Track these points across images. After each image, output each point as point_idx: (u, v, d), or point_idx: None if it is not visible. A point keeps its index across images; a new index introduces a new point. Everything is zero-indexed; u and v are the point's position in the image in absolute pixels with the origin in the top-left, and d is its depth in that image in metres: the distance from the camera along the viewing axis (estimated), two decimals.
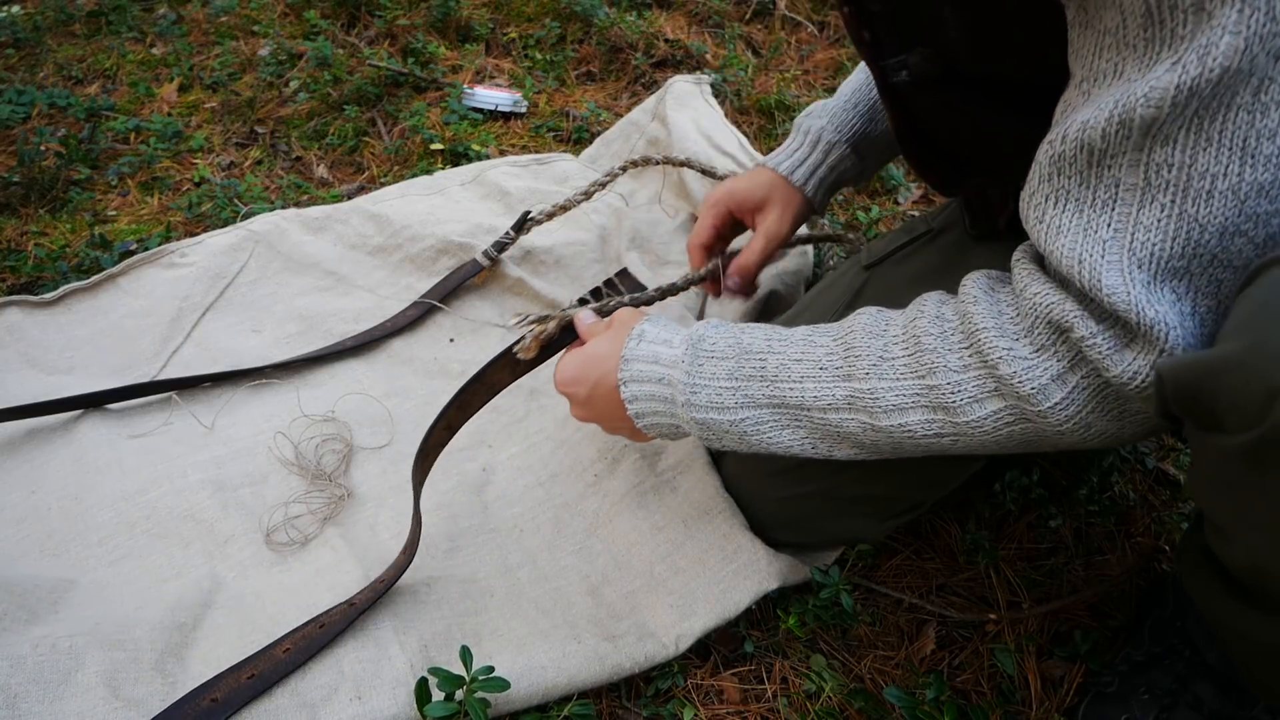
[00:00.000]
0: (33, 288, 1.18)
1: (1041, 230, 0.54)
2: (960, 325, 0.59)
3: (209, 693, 0.73)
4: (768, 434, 0.68)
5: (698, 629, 0.82)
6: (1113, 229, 0.51)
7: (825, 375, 0.64)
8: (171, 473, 0.94)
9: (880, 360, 0.62)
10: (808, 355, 0.66)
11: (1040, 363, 0.55)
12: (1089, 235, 0.51)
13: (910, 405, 0.61)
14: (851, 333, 0.65)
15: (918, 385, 0.60)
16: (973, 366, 0.58)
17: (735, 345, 0.69)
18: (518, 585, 0.87)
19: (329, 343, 1.13)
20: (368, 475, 0.97)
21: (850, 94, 0.97)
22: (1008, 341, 0.56)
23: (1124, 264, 0.50)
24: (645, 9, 1.85)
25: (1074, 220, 0.52)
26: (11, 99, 1.49)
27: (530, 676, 0.77)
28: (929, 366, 0.60)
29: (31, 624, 0.78)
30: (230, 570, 0.86)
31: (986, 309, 0.58)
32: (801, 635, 0.86)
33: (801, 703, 0.81)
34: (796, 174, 0.96)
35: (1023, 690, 0.82)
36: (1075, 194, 0.52)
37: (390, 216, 1.25)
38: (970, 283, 0.61)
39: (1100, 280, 0.51)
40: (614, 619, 0.84)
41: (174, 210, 1.33)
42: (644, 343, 0.73)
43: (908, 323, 0.63)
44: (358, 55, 1.66)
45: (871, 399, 0.62)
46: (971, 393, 0.58)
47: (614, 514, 0.93)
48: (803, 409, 0.65)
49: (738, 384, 0.68)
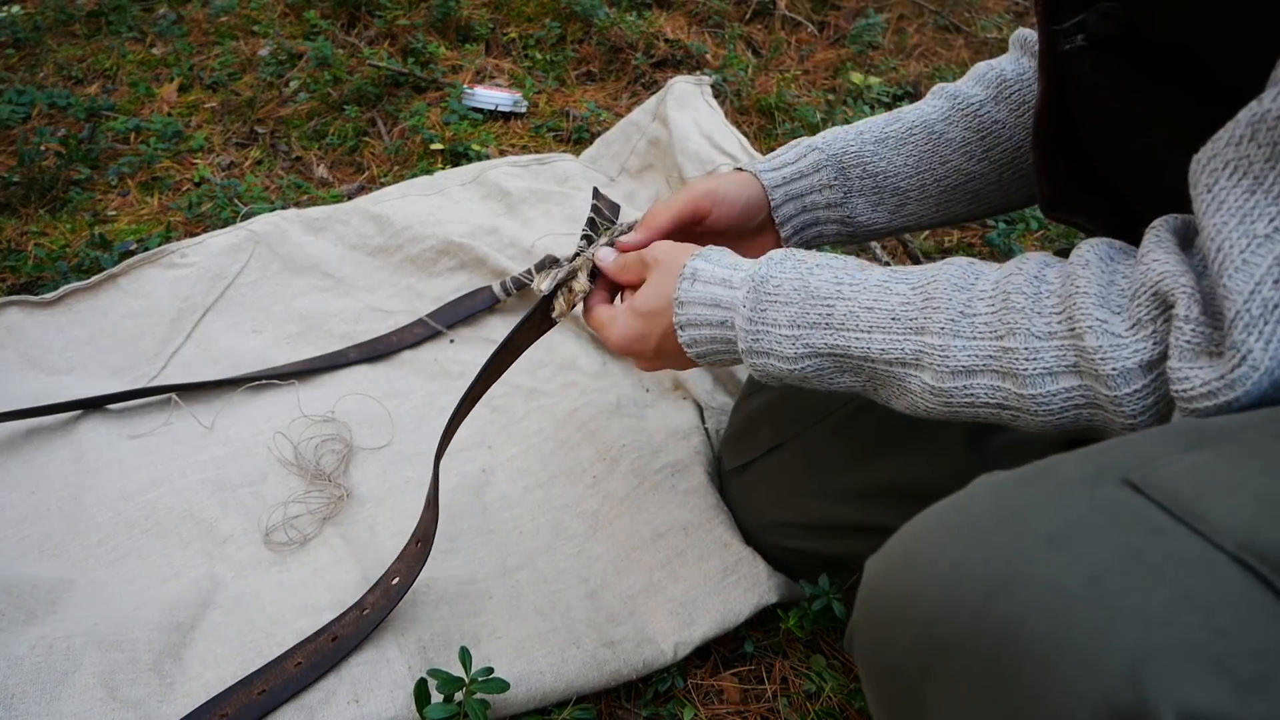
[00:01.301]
0: (33, 288, 1.18)
1: (1206, 199, 0.46)
2: (1060, 288, 0.52)
3: (219, 708, 0.72)
4: (827, 378, 0.64)
5: (697, 637, 0.82)
6: (1274, 226, 0.43)
7: (897, 326, 0.58)
8: (171, 473, 0.94)
9: (960, 315, 0.55)
10: (880, 303, 0.59)
11: (1132, 342, 0.48)
12: (1244, 222, 0.44)
13: (980, 368, 0.54)
14: (934, 282, 0.58)
15: (993, 347, 0.54)
16: (1059, 334, 0.51)
17: (802, 288, 0.63)
18: (516, 587, 0.87)
19: (329, 343, 1.12)
20: (367, 476, 0.97)
21: (863, 125, 0.85)
22: (1105, 312, 0.49)
23: (1262, 272, 0.42)
24: (645, 9, 1.85)
25: (1240, 199, 0.44)
26: (11, 99, 1.49)
27: (529, 681, 0.77)
28: (1010, 327, 0.53)
29: (29, 624, 0.78)
30: (229, 570, 0.86)
31: (1097, 273, 0.50)
32: (801, 635, 0.86)
33: (801, 703, 0.81)
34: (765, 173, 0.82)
35: None
36: (1257, 171, 0.44)
37: (391, 217, 1.25)
38: (1087, 246, 0.53)
39: (1226, 276, 0.43)
40: (613, 624, 0.84)
41: (174, 210, 1.33)
42: (698, 283, 0.67)
43: (1001, 278, 0.56)
44: (358, 55, 1.66)
45: (942, 356, 0.56)
46: (1048, 363, 0.51)
47: (613, 516, 0.93)
48: (867, 360, 0.60)
49: (800, 331, 0.62)
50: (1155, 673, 0.32)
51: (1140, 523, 0.36)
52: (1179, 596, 0.34)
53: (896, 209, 0.85)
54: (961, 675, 0.38)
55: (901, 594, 0.42)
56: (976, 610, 0.37)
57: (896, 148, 0.83)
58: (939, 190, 0.84)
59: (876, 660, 0.44)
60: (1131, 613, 0.34)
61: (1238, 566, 0.34)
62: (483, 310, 1.17)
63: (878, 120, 0.85)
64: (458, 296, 1.18)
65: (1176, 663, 0.32)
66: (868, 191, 0.83)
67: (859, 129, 0.84)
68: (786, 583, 0.86)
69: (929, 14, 1.97)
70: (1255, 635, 0.32)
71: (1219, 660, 0.32)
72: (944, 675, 0.39)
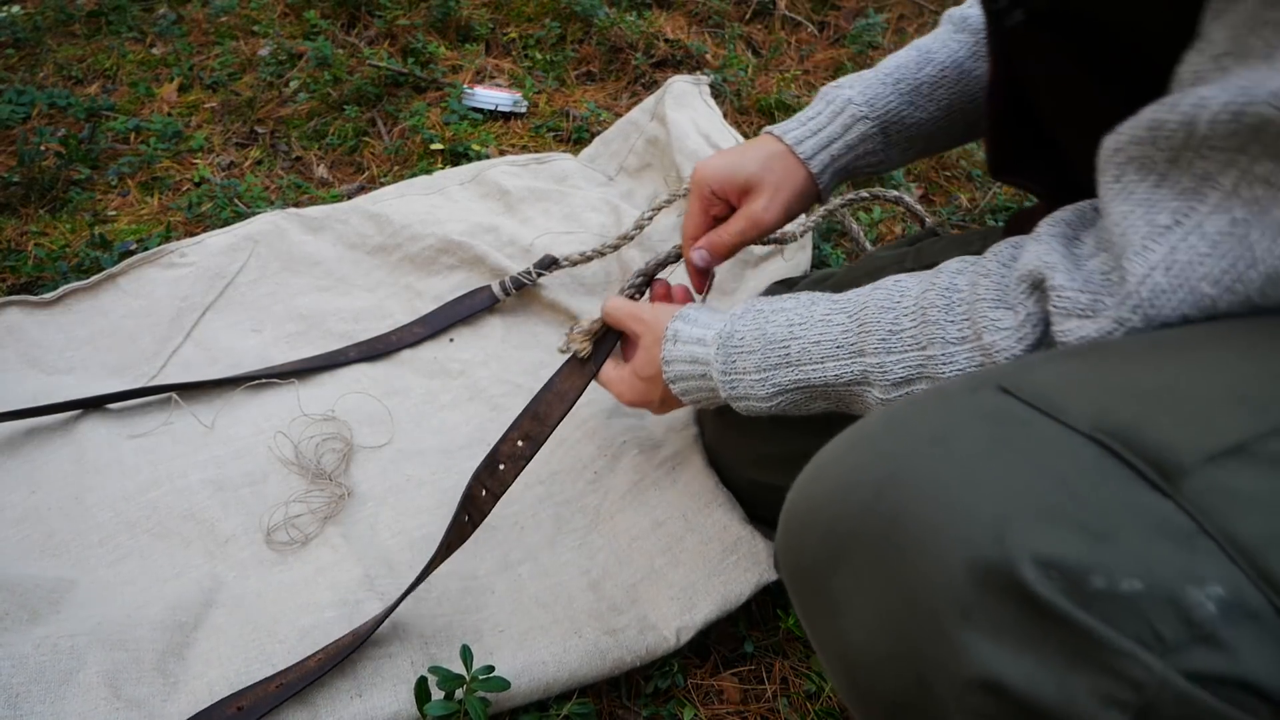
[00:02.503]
0: (33, 288, 1.18)
1: (1115, 187, 0.50)
2: (968, 294, 0.58)
3: (236, 701, 0.73)
4: (803, 406, 0.70)
5: (699, 621, 0.82)
6: (1172, 218, 0.46)
7: (842, 353, 0.65)
8: (172, 472, 0.94)
9: (889, 334, 0.62)
10: (826, 336, 0.66)
11: (1016, 331, 0.54)
12: (1149, 212, 0.47)
13: (915, 376, 0.60)
14: (865, 308, 0.64)
15: (919, 356, 0.60)
16: (969, 339, 0.57)
17: (761, 336, 0.70)
18: (518, 581, 0.87)
19: (329, 342, 1.13)
20: (368, 474, 0.97)
21: (893, 69, 0.84)
22: (1000, 311, 0.55)
23: (1156, 259, 0.46)
24: (645, 9, 1.85)
25: (1146, 192, 0.48)
26: (11, 99, 1.49)
27: (531, 672, 0.77)
28: (930, 338, 0.59)
29: (33, 624, 0.78)
30: (231, 570, 0.86)
31: (995, 279, 0.56)
32: (801, 635, 0.86)
33: (801, 703, 0.81)
34: (805, 145, 0.82)
35: None
36: (1161, 169, 0.47)
37: (389, 216, 1.25)
38: (993, 251, 0.59)
39: (1125, 259, 0.48)
40: (615, 612, 0.84)
41: (174, 210, 1.33)
42: (679, 344, 0.75)
43: (920, 294, 0.61)
44: (358, 55, 1.66)
45: (881, 373, 0.62)
46: (961, 365, 0.57)
47: (614, 510, 0.93)
48: (827, 386, 0.66)
49: (767, 374, 0.69)
50: (1016, 531, 0.37)
51: (1010, 418, 0.42)
52: (1040, 471, 0.39)
53: (923, 149, 0.88)
54: (860, 561, 0.42)
55: (810, 503, 0.47)
56: (868, 504, 0.42)
57: (930, 95, 0.83)
58: (963, 122, 0.86)
59: (793, 565, 0.48)
60: (999, 488, 0.39)
61: (1091, 443, 0.39)
62: (482, 310, 1.17)
63: (908, 64, 0.84)
64: (457, 296, 1.18)
65: (1034, 522, 0.37)
66: (903, 143, 0.85)
67: (893, 78, 0.83)
68: None
69: (929, 14, 1.97)
70: (1104, 495, 0.38)
71: (1072, 517, 0.37)
72: (847, 564, 0.43)
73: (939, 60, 0.83)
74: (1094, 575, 0.35)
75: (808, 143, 0.82)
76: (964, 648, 0.38)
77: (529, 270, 1.15)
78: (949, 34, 0.85)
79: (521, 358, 1.11)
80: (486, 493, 0.82)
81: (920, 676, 0.40)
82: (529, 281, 1.14)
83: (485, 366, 1.10)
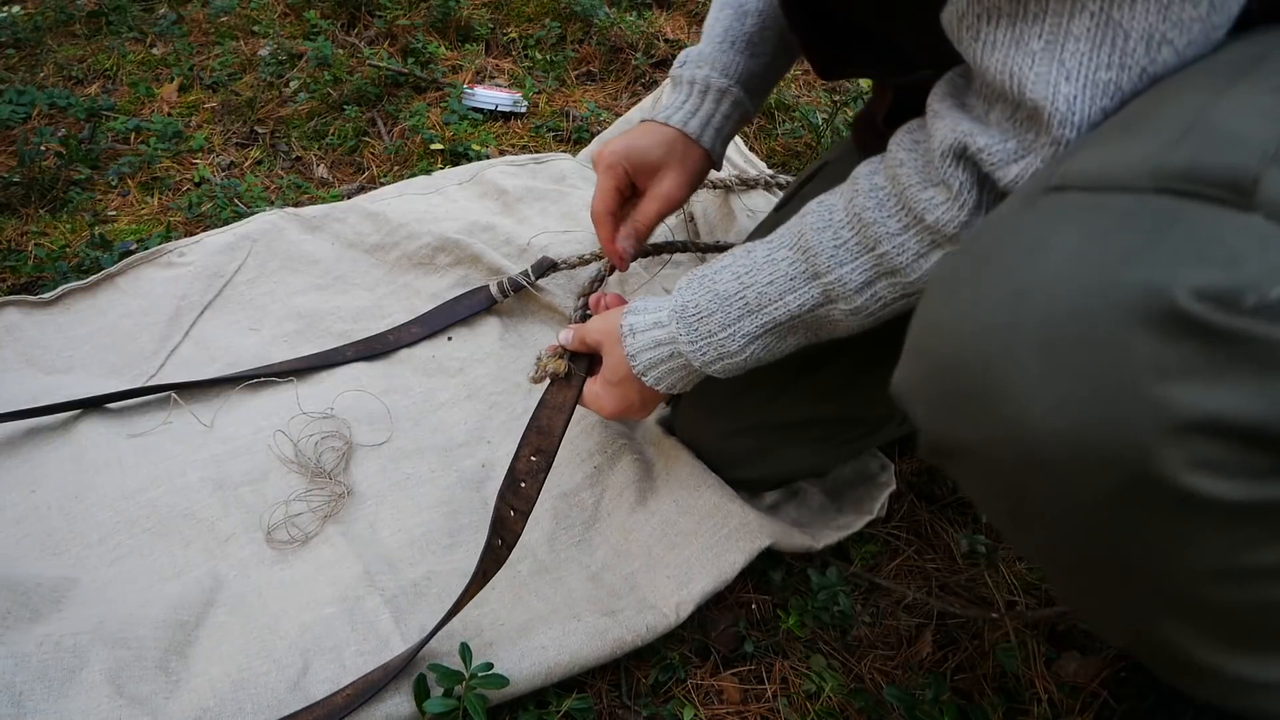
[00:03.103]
0: (33, 288, 1.18)
1: (977, 46, 0.54)
2: (893, 188, 0.62)
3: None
4: (776, 349, 0.73)
5: (696, 594, 0.83)
6: (1044, 40, 0.51)
7: (797, 284, 0.68)
8: (171, 471, 0.94)
9: (835, 249, 0.66)
10: (776, 274, 0.69)
11: (955, 202, 0.58)
12: (1020, 48, 0.52)
13: (873, 279, 0.65)
14: (803, 234, 0.68)
15: (871, 259, 0.64)
16: (911, 225, 0.61)
17: (715, 296, 0.73)
18: (518, 578, 0.88)
19: (327, 340, 1.13)
20: (367, 473, 0.97)
21: (722, 33, 0.92)
22: (929, 190, 0.59)
23: (1052, 75, 0.51)
24: (645, 9, 1.85)
25: (1006, 35, 0.52)
26: (11, 99, 1.49)
27: (531, 657, 0.77)
28: (875, 238, 0.63)
29: (35, 622, 0.78)
30: (231, 569, 0.86)
31: (911, 165, 0.61)
32: (801, 635, 0.86)
33: (801, 703, 0.81)
34: (691, 126, 0.90)
35: (1029, 689, 0.82)
36: (1008, 10, 0.52)
37: (387, 215, 1.25)
38: (894, 142, 0.63)
39: (1027, 92, 0.52)
40: (614, 598, 0.85)
41: (174, 210, 1.33)
42: (637, 335, 0.78)
43: (848, 203, 0.65)
44: (358, 55, 1.66)
45: (841, 286, 0.66)
46: (915, 249, 0.62)
47: (613, 506, 0.94)
48: (793, 319, 0.70)
49: (732, 328, 0.72)
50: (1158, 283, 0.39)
51: (1078, 207, 0.44)
52: (1139, 236, 0.40)
53: (772, 85, 0.97)
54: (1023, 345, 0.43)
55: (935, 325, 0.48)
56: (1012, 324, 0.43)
57: (761, 40, 0.91)
58: (787, 49, 0.94)
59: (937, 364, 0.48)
60: (1119, 261, 0.40)
61: (1164, 195, 0.41)
62: (480, 310, 1.17)
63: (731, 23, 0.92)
64: (455, 296, 1.18)
65: (1169, 269, 0.39)
66: (760, 90, 0.94)
67: (728, 40, 0.91)
68: (785, 529, 0.88)
69: None
70: (1205, 231, 0.39)
71: (1192, 256, 0.39)
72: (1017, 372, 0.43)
73: (753, 8, 0.91)
74: (1245, 293, 0.37)
75: (692, 124, 0.90)
76: (1166, 401, 0.38)
77: (527, 272, 1.15)
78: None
79: (519, 356, 1.12)
80: (515, 513, 0.82)
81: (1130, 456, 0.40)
82: (527, 283, 1.14)
83: (483, 365, 1.10)
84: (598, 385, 0.85)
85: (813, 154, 1.50)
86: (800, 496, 0.98)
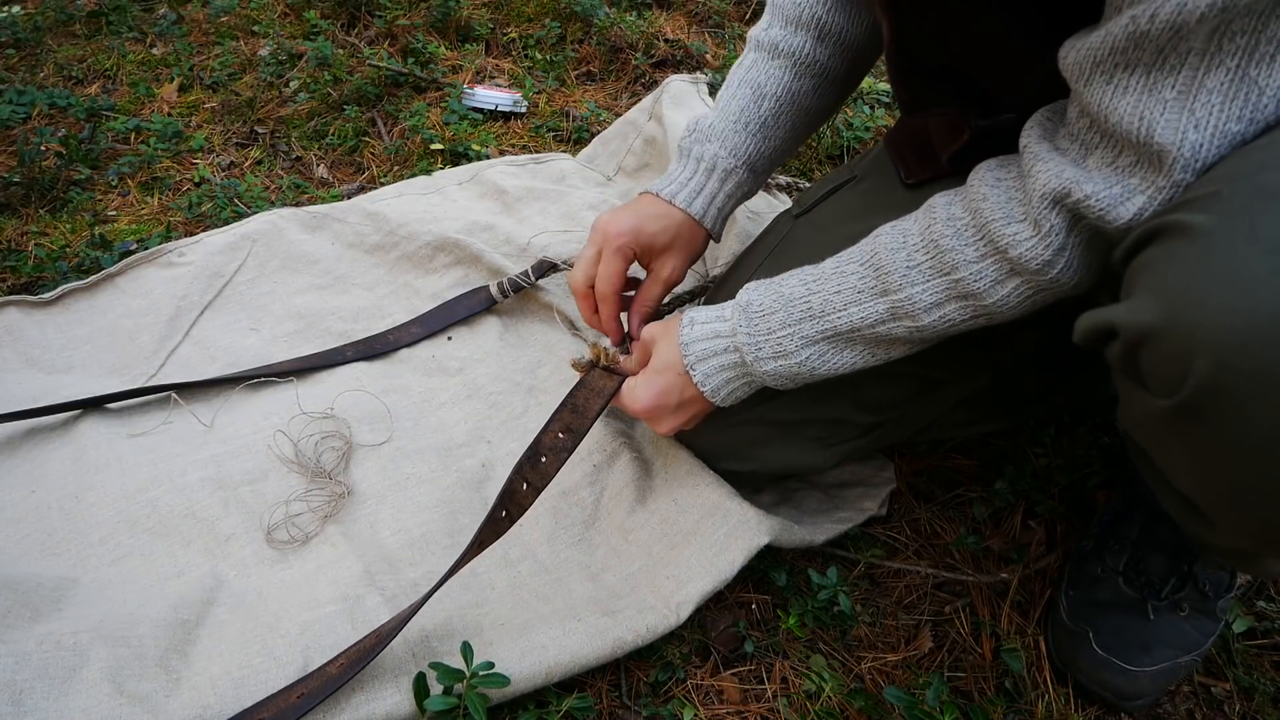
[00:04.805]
0: (33, 288, 1.18)
1: (1108, 89, 0.57)
2: (971, 221, 0.66)
3: (258, 712, 0.72)
4: (831, 361, 0.75)
5: (696, 594, 0.83)
6: (1177, 90, 0.53)
7: (864, 297, 0.71)
8: (171, 471, 0.94)
9: (908, 269, 0.69)
10: (844, 285, 0.72)
11: (1041, 240, 0.61)
12: (1153, 94, 0.54)
13: (945, 299, 0.68)
14: (876, 254, 0.71)
15: (946, 281, 0.67)
16: (989, 255, 0.65)
17: (779, 298, 0.75)
18: (518, 578, 0.88)
19: (327, 340, 1.13)
20: (367, 473, 0.97)
21: (737, 113, 0.92)
22: (1014, 227, 0.63)
23: (1181, 123, 0.53)
24: (645, 9, 1.85)
25: (1140, 82, 0.55)
26: (12, 99, 1.49)
27: (531, 656, 0.77)
28: (952, 264, 0.66)
29: (35, 621, 0.78)
30: (232, 568, 0.86)
31: (995, 201, 0.64)
32: (801, 635, 0.86)
33: (801, 703, 0.81)
34: (695, 205, 0.91)
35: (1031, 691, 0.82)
36: (1148, 62, 0.54)
37: (387, 215, 1.25)
38: (977, 178, 0.67)
39: (1155, 135, 0.54)
40: (614, 597, 0.85)
41: (174, 210, 1.33)
42: (697, 325, 0.79)
43: (923, 230, 0.68)
44: (358, 55, 1.66)
45: (910, 304, 0.69)
46: (993, 277, 0.65)
47: (612, 505, 0.94)
48: (854, 331, 0.72)
49: (793, 328, 0.74)
50: None
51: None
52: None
53: (778, 165, 0.99)
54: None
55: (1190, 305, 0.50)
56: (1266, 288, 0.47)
57: (775, 124, 0.92)
58: (802, 130, 0.96)
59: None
60: None
61: None
62: (480, 311, 1.17)
63: (747, 104, 0.92)
64: (456, 296, 1.18)
65: None
66: (765, 170, 0.96)
67: (741, 121, 0.92)
68: (784, 525, 0.87)
69: None
70: None
71: None
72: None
73: (771, 93, 0.91)
74: None
75: (697, 203, 0.91)
76: None
77: (527, 273, 1.15)
78: (766, 63, 0.92)
79: (519, 356, 1.12)
80: (528, 486, 0.82)
81: None
82: (527, 284, 1.15)
83: (483, 364, 1.10)
84: (639, 378, 0.83)
85: (813, 154, 1.50)
86: (800, 494, 0.98)
